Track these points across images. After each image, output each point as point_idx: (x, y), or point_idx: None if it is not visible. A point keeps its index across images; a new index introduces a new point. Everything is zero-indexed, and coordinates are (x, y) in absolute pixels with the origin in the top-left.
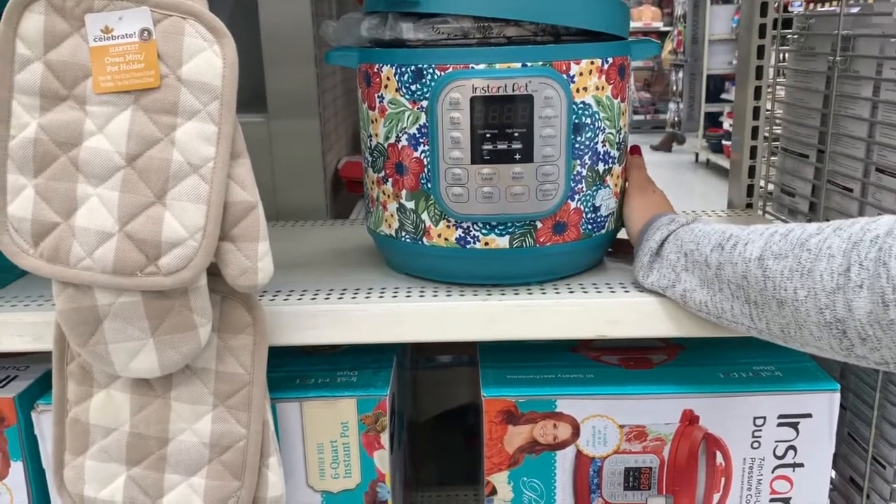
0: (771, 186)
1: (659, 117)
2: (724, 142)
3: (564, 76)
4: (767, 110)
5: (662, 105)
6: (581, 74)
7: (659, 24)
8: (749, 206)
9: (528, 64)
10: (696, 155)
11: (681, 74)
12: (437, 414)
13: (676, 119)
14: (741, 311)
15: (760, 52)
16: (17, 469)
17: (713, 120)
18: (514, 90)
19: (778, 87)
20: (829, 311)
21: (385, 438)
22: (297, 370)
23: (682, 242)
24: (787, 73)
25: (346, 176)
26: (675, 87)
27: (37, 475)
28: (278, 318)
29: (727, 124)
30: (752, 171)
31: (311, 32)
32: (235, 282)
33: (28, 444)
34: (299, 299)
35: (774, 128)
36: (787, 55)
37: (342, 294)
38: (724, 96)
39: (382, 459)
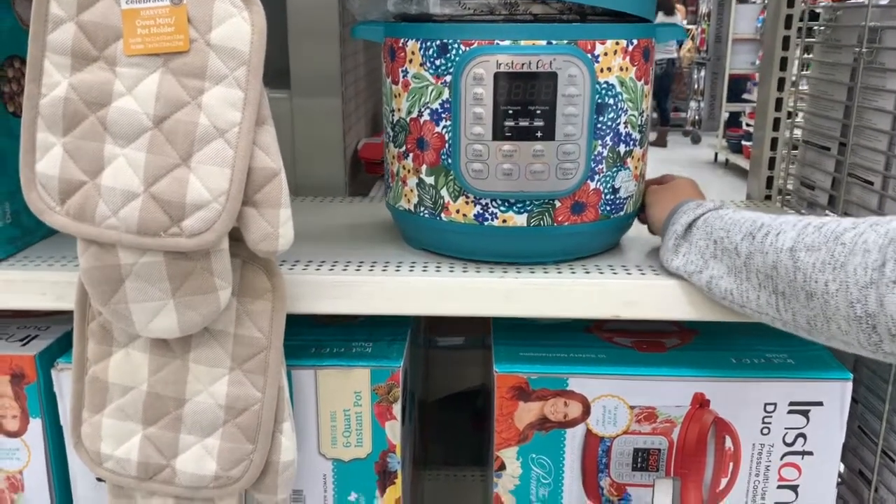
0: (790, 180)
1: (678, 115)
2: (743, 142)
3: (589, 55)
4: (790, 105)
5: (680, 103)
6: (606, 54)
7: (682, 22)
8: (768, 198)
9: (554, 42)
10: (716, 154)
11: (703, 73)
12: (446, 395)
13: (697, 118)
14: (767, 302)
15: (786, 43)
16: (35, 426)
17: (733, 120)
18: (538, 67)
19: (802, 79)
20: (860, 306)
21: (397, 409)
22: (313, 339)
23: (711, 229)
24: (812, 65)
25: (365, 157)
26: (696, 86)
27: (54, 432)
28: (297, 287)
29: (747, 124)
30: (771, 163)
31: (336, 10)
32: (256, 246)
33: (47, 401)
34: (318, 269)
35: (797, 119)
36: (812, 47)
37: (359, 266)
38: (745, 96)
39: (394, 430)
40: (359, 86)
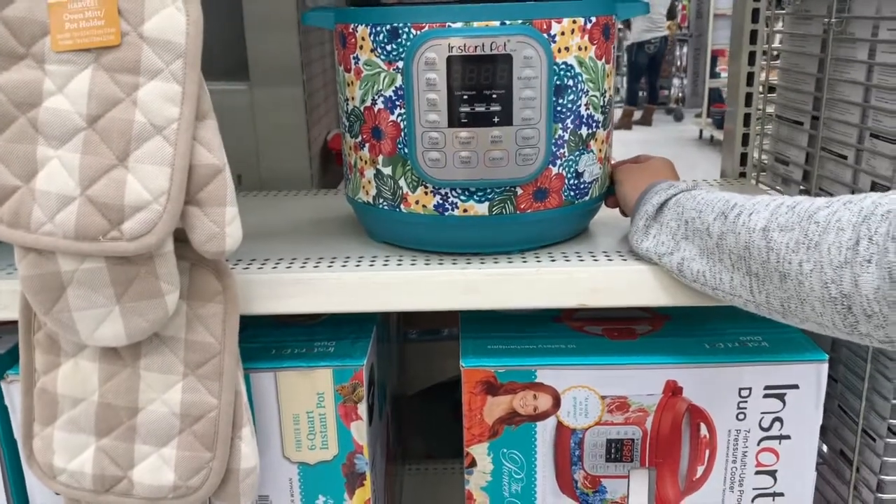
0: (765, 156)
1: (662, 93)
2: None
3: (545, 35)
4: (762, 79)
5: (662, 80)
6: (563, 34)
7: None
8: (742, 175)
9: (507, 22)
10: (700, 131)
11: (685, 49)
12: (424, 387)
13: (680, 95)
14: (740, 284)
15: (755, 15)
16: None
17: (717, 96)
18: (492, 49)
19: (774, 52)
20: (834, 286)
21: (363, 409)
22: (273, 341)
23: (682, 209)
24: (783, 38)
25: (336, 148)
26: (679, 63)
27: (9, 446)
28: (252, 287)
29: None
30: (745, 140)
31: None
32: (202, 248)
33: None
34: (274, 267)
35: (769, 95)
36: (783, 19)
37: (318, 262)
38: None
39: (360, 431)
40: (327, 76)
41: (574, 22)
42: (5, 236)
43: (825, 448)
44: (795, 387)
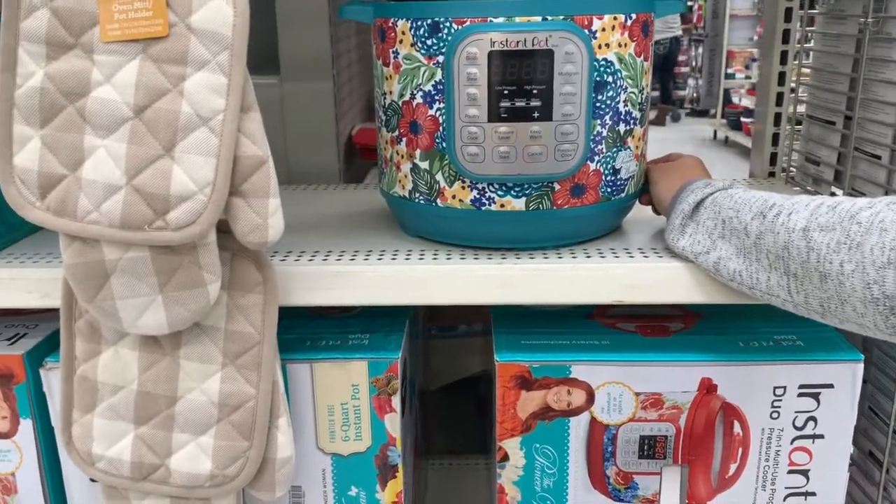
0: (794, 156)
1: (675, 93)
2: (742, 119)
3: (586, 31)
4: (793, 79)
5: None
6: (603, 30)
7: None
8: (771, 174)
9: (549, 18)
10: (715, 132)
11: (700, 50)
12: (448, 383)
13: (695, 95)
14: (778, 283)
15: (788, 14)
16: (26, 426)
17: (729, 97)
18: (533, 45)
19: (805, 52)
20: (877, 287)
21: (396, 401)
22: (309, 332)
23: (720, 208)
24: (815, 38)
25: (360, 142)
26: (694, 63)
27: (46, 433)
28: (290, 279)
29: (747, 101)
30: (775, 140)
31: None
32: (245, 238)
33: (37, 401)
34: (311, 260)
35: (801, 94)
36: (815, 19)
37: (354, 256)
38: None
39: (393, 423)
40: (352, 70)
41: (615, 18)
42: (51, 224)
43: (854, 449)
44: (830, 386)
